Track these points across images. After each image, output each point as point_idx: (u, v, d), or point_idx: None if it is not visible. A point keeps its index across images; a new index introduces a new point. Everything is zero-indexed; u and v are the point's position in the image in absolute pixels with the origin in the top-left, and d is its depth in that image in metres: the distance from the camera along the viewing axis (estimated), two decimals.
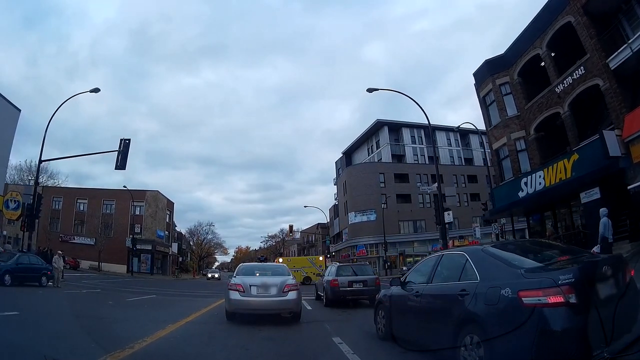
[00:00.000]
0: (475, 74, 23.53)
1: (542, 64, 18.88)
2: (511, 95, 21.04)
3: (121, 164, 18.57)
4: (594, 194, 14.81)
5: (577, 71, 16.33)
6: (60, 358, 4.81)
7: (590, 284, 3.36)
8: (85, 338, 6.24)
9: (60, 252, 17.96)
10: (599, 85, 15.19)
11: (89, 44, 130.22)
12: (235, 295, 8.09)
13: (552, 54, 18.30)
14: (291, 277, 8.93)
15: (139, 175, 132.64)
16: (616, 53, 14.28)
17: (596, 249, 10.67)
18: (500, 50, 22.03)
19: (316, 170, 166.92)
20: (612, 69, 14.56)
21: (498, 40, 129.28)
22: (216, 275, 51.04)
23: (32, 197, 19.36)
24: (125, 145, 18.80)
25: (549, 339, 3.14)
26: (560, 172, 16.35)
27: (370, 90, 20.03)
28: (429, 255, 6.56)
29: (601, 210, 11.56)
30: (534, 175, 17.73)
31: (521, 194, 18.13)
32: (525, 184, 18.04)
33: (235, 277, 8.72)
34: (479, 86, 23.10)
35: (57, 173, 64.98)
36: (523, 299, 3.38)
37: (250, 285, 8.14)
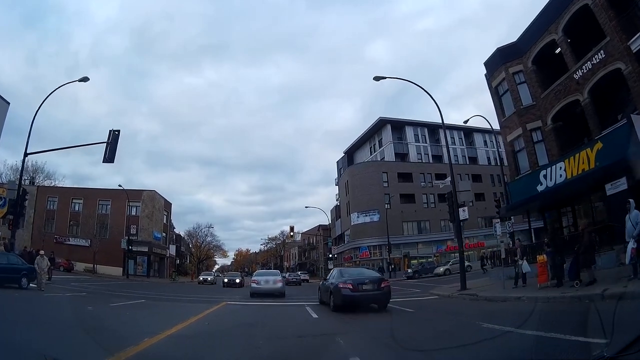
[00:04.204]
0: (486, 63, 22.39)
1: (558, 50, 17.84)
2: (525, 84, 19.98)
3: (109, 157, 17.36)
4: (621, 184, 13.55)
5: (596, 55, 15.32)
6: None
7: (355, 286, 10.85)
8: (43, 350, 5.11)
9: (43, 252, 16.64)
10: (620, 69, 14.21)
11: (90, 43, 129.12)
12: (254, 285, 17.56)
13: (569, 40, 17.26)
14: (279, 276, 19.11)
15: (140, 177, 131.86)
16: (638, 35, 13.32)
17: (632, 244, 9.34)
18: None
19: (318, 171, 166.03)
20: (633, 51, 13.63)
21: (502, 38, 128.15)
22: (209, 278, 40.02)
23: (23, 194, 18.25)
24: (114, 136, 17.58)
25: (342, 296, 10.85)
26: (583, 163, 15.13)
27: (377, 78, 18.92)
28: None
29: (631, 201, 10.26)
30: (554, 167, 16.48)
31: (540, 188, 16.87)
32: (545, 176, 16.78)
33: (254, 277, 18.90)
34: (490, 76, 21.95)
35: (54, 173, 64.12)
36: (339, 285, 11.07)
37: (260, 280, 17.70)
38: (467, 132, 59.61)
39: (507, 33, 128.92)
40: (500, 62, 21.04)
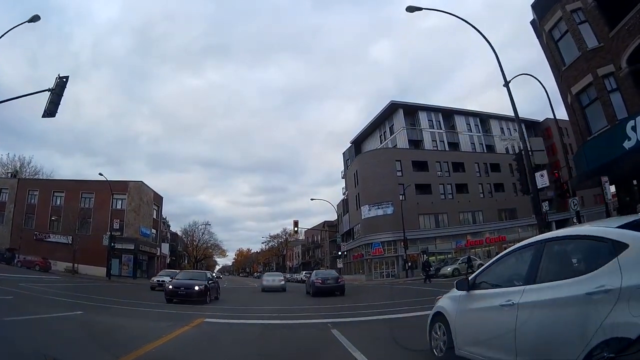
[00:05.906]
0: (534, 5, 18.07)
1: None
2: (587, 24, 15.52)
3: (49, 109, 12.98)
4: None
5: None
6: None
7: (323, 280, 19.84)
8: None
9: None
10: None
11: (91, 44, 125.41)
12: (264, 283, 25.96)
13: None
14: (282, 277, 28.46)
15: (141, 179, 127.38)
16: None
17: None
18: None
19: (321, 172, 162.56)
20: None
21: (505, 38, 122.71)
22: (167, 281, 21.00)
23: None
24: (60, 83, 13.15)
25: (315, 287, 19.66)
26: None
27: (410, 8, 15.14)
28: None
29: None
30: None
31: (629, 144, 12.34)
32: (634, 128, 12.28)
33: (264, 277, 28.58)
34: (541, 18, 17.51)
35: (42, 168, 60.15)
36: (314, 280, 20.24)
37: (269, 279, 26.44)
38: (483, 119, 54.98)
39: (509, 32, 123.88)
40: (552, 0, 16.70)
